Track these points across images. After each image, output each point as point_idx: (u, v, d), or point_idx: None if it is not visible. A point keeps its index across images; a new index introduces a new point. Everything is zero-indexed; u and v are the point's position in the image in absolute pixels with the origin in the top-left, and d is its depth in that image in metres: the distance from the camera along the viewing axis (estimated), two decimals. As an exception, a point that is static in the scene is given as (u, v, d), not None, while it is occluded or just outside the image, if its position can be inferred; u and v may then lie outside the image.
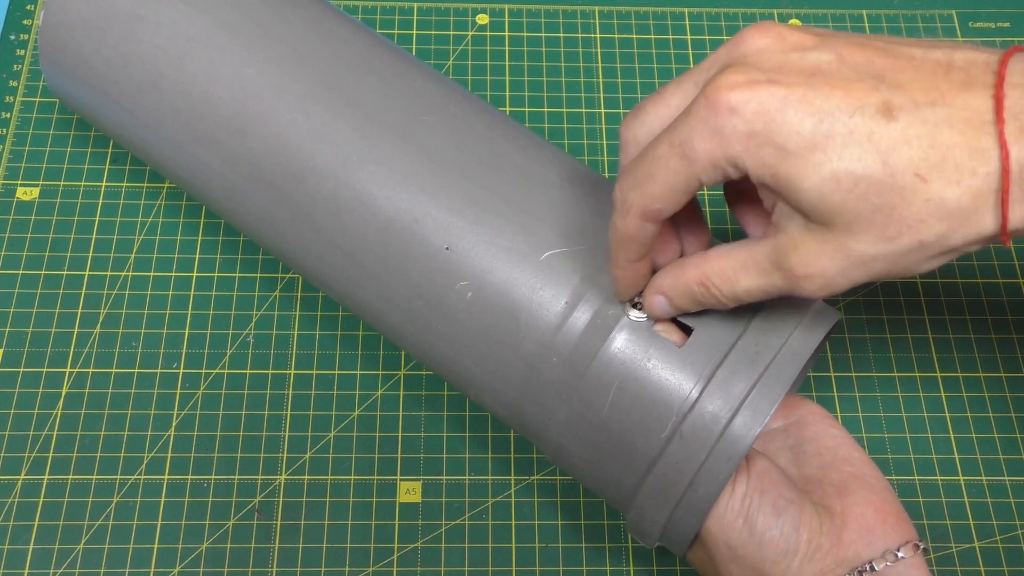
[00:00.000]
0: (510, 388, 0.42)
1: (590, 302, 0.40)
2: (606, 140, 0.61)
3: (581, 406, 0.40)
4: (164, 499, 0.50)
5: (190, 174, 0.48)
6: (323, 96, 0.44)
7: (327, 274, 0.46)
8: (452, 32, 0.64)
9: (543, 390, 0.41)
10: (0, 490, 0.50)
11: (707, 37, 0.65)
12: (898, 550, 0.38)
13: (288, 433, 0.52)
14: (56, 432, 0.51)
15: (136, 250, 0.56)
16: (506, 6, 0.65)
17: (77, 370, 0.53)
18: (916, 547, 0.39)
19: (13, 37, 0.63)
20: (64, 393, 0.52)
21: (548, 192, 0.43)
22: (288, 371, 0.53)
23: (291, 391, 0.53)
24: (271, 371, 0.53)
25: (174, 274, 0.56)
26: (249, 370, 0.53)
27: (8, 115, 0.60)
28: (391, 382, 0.53)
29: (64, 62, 0.49)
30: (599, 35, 0.65)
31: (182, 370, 0.53)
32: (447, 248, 0.42)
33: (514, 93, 0.62)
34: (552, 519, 0.50)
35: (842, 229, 0.33)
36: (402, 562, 0.49)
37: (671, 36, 0.65)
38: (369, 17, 0.65)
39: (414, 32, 0.64)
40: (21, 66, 0.62)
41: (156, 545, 0.49)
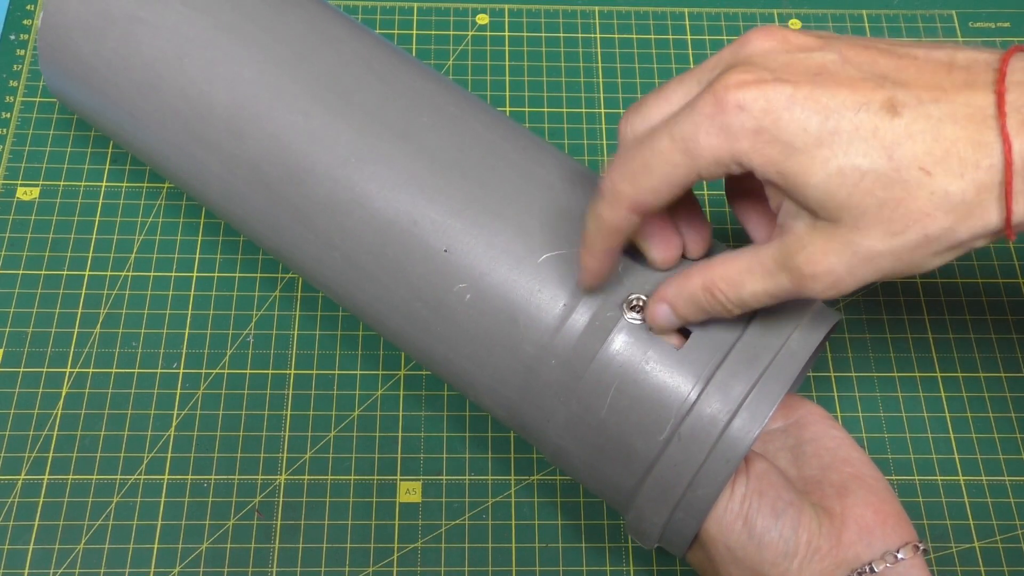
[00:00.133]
0: (509, 390, 0.42)
1: (588, 304, 0.40)
2: (606, 140, 0.61)
3: (580, 408, 0.40)
4: (164, 499, 0.50)
5: (189, 175, 0.48)
6: (322, 97, 0.44)
7: (326, 275, 0.46)
8: (452, 32, 0.64)
9: (542, 392, 0.41)
10: (0, 490, 0.50)
11: (707, 37, 0.64)
12: (898, 551, 0.38)
13: (288, 433, 0.52)
14: (56, 432, 0.51)
15: (136, 250, 0.56)
16: (506, 6, 0.65)
17: (77, 370, 0.53)
18: (916, 548, 0.39)
19: (13, 37, 0.63)
20: (64, 393, 0.52)
21: (547, 193, 0.43)
22: (288, 371, 0.53)
23: (291, 391, 0.53)
24: (271, 371, 0.53)
25: (174, 274, 0.56)
26: (249, 370, 0.53)
27: (8, 115, 0.60)
28: (391, 382, 0.53)
29: (63, 63, 0.49)
30: (599, 35, 0.65)
31: (182, 370, 0.53)
32: (446, 250, 0.42)
33: (514, 93, 0.62)
34: (552, 519, 0.50)
35: (849, 225, 0.34)
36: (402, 562, 0.49)
37: (671, 36, 0.65)
38: (369, 17, 0.64)
39: (414, 32, 0.64)
40: (21, 66, 0.62)
41: (156, 545, 0.49)
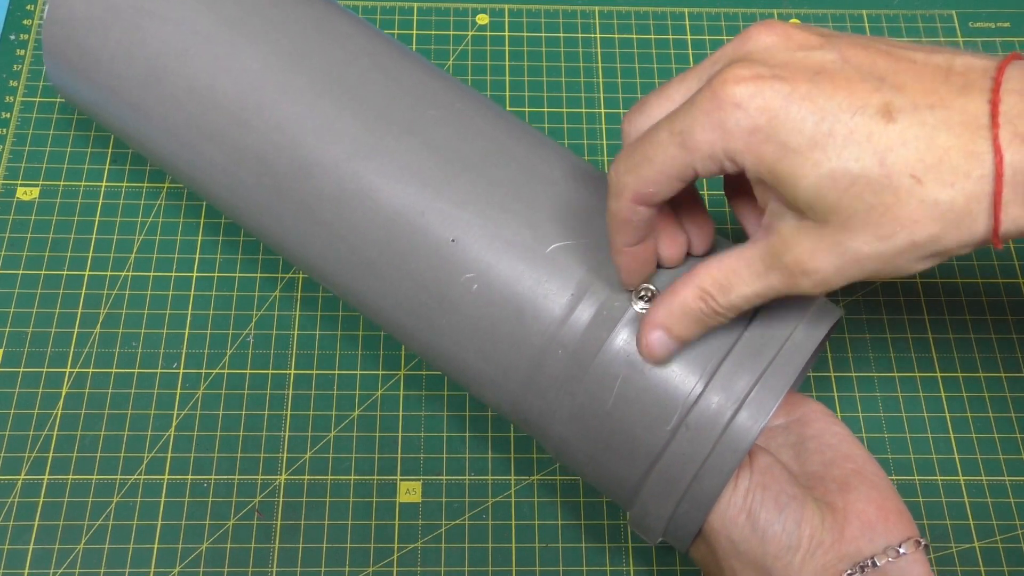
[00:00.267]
0: (514, 382, 0.42)
1: (595, 295, 0.40)
2: (606, 140, 0.61)
3: (586, 399, 0.40)
4: (164, 499, 0.50)
5: (194, 169, 0.48)
6: (328, 90, 0.44)
7: (331, 269, 0.46)
8: (452, 32, 0.64)
9: (547, 383, 0.41)
10: (0, 490, 0.50)
11: (707, 37, 0.65)
12: (899, 546, 0.38)
13: (288, 433, 0.52)
14: (56, 432, 0.51)
15: (136, 250, 0.56)
16: (506, 6, 0.66)
17: (77, 370, 0.53)
18: (918, 543, 0.39)
19: (13, 37, 0.63)
20: (64, 393, 0.52)
21: (552, 187, 0.43)
22: (288, 371, 0.53)
23: (291, 391, 0.53)
24: (271, 371, 0.53)
25: (174, 274, 0.56)
26: (249, 370, 0.53)
27: (8, 115, 0.60)
28: (391, 382, 0.53)
29: (67, 56, 0.49)
30: (599, 35, 0.65)
31: (182, 370, 0.53)
32: (453, 240, 0.42)
33: (514, 93, 0.62)
34: (552, 519, 0.50)
35: (837, 227, 0.34)
36: (402, 562, 0.49)
37: (671, 36, 0.65)
38: (369, 17, 0.65)
39: (414, 32, 0.64)
40: (21, 66, 0.62)
41: (156, 545, 0.49)
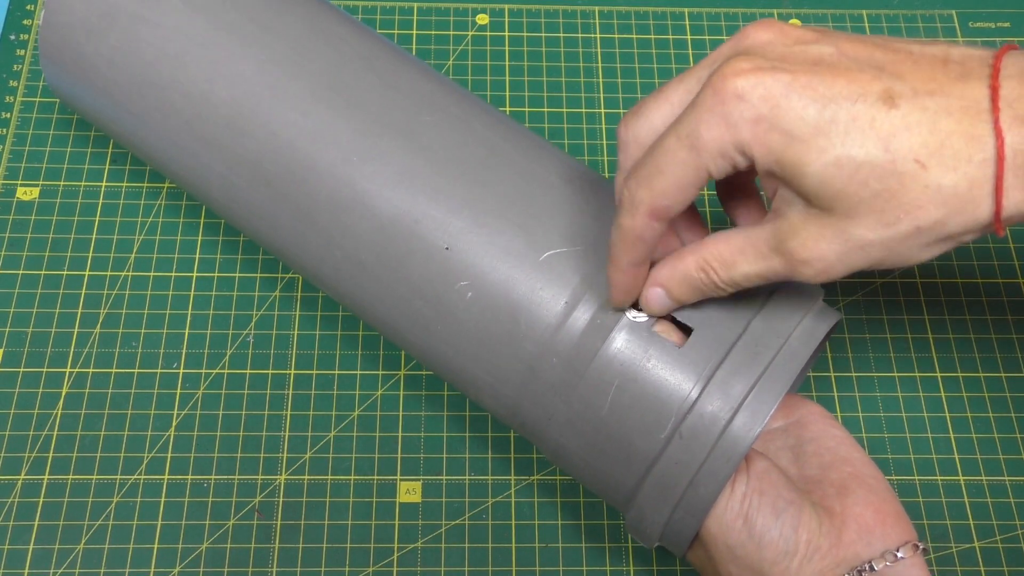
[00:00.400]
0: (509, 388, 0.42)
1: (590, 302, 0.40)
2: (606, 140, 0.61)
3: (581, 406, 0.40)
4: (164, 499, 0.50)
5: (190, 173, 0.48)
6: (323, 95, 0.44)
7: (327, 274, 0.46)
8: (452, 32, 0.64)
9: (543, 390, 0.41)
10: (0, 490, 0.50)
11: (707, 37, 0.65)
12: (897, 550, 0.38)
13: (288, 433, 0.52)
14: (56, 432, 0.51)
15: (136, 250, 0.56)
16: (506, 6, 0.65)
17: (77, 370, 0.53)
18: (915, 547, 0.39)
19: (13, 37, 0.63)
20: (64, 393, 0.52)
21: (548, 192, 0.43)
22: (288, 371, 0.53)
23: (291, 391, 0.53)
24: (271, 371, 0.53)
25: (174, 274, 0.56)
26: (249, 370, 0.53)
27: (8, 115, 0.60)
28: (391, 382, 0.53)
29: (64, 62, 0.49)
30: (599, 35, 0.65)
31: (182, 370, 0.53)
32: (447, 248, 0.42)
33: (514, 93, 0.62)
34: (552, 519, 0.50)
35: (842, 214, 0.34)
36: (402, 562, 0.49)
37: (671, 36, 0.65)
38: (369, 17, 0.65)
39: (414, 32, 0.64)
40: (21, 66, 0.62)
41: (156, 545, 0.49)
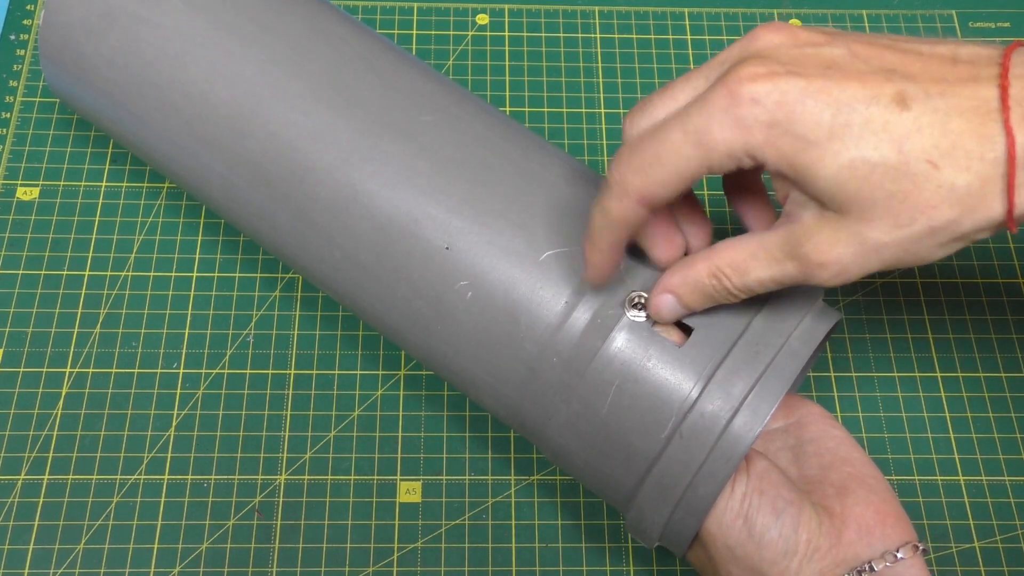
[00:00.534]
0: (509, 388, 0.42)
1: (590, 302, 0.40)
2: (606, 140, 0.61)
3: (581, 406, 0.40)
4: (164, 499, 0.50)
5: (190, 173, 0.48)
6: (323, 95, 0.44)
7: (327, 274, 0.46)
8: (452, 32, 0.64)
9: (543, 390, 0.41)
10: (0, 490, 0.50)
11: (707, 37, 0.65)
12: (897, 551, 0.38)
13: (288, 433, 0.52)
14: (56, 432, 0.51)
15: (136, 250, 0.56)
16: (506, 6, 0.65)
17: (77, 370, 0.53)
18: (915, 548, 0.39)
19: (13, 37, 0.63)
20: (64, 393, 0.52)
21: (548, 192, 0.43)
22: (288, 371, 0.53)
23: (291, 391, 0.53)
24: (271, 371, 0.53)
25: (174, 274, 0.56)
26: (249, 370, 0.53)
27: (8, 115, 0.60)
28: (391, 382, 0.53)
29: (64, 62, 0.49)
30: (599, 35, 0.65)
31: (182, 370, 0.53)
32: (447, 248, 0.42)
33: (514, 93, 0.62)
34: (552, 519, 0.50)
35: (856, 216, 0.34)
36: (402, 562, 0.49)
37: (671, 36, 0.65)
38: (369, 17, 0.65)
39: (414, 32, 0.64)
40: (21, 66, 0.62)
41: (156, 545, 0.49)
